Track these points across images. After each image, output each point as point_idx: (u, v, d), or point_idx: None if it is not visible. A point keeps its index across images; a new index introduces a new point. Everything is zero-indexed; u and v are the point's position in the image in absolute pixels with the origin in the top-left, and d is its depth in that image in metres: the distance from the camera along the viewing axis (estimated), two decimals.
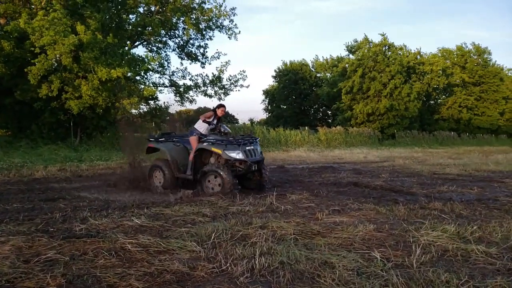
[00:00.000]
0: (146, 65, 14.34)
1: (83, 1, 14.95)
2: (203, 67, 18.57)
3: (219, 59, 18.44)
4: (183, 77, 18.37)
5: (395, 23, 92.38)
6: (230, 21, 18.18)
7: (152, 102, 17.46)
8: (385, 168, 11.98)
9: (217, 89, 18.00)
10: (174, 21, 16.33)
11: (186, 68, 19.37)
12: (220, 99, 18.12)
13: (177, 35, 17.98)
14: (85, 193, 6.70)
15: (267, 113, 43.80)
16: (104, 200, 5.97)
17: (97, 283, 2.79)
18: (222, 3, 17.12)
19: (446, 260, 3.27)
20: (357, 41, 35.06)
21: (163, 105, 17.78)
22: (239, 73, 18.42)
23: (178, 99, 17.98)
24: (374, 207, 5.44)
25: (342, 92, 33.43)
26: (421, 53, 37.71)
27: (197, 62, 18.48)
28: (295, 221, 4.58)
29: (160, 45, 17.95)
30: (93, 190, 7.11)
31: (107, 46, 13.20)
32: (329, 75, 41.21)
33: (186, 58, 18.51)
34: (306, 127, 27.73)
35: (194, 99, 18.15)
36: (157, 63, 16.09)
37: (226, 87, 18.15)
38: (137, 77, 15.74)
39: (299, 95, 41.14)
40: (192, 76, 18.37)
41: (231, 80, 18.12)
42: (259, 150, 7.12)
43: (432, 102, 41.38)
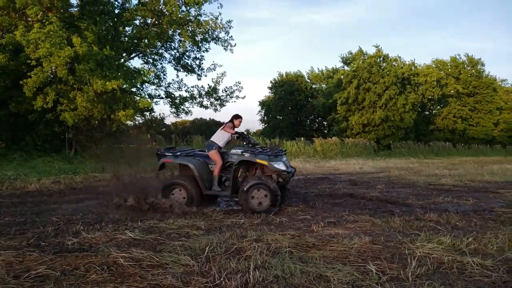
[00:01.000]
0: (142, 77, 14.38)
1: (80, 13, 15.03)
2: (199, 79, 18.71)
3: (215, 70, 18.58)
4: (179, 88, 18.45)
5: (390, 34, 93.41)
6: (226, 33, 18.35)
7: (147, 113, 17.53)
8: (381, 179, 11.98)
9: (213, 100, 18.07)
10: (170, 33, 16.43)
11: (182, 79, 19.51)
12: (216, 110, 18.19)
13: (173, 47, 18.13)
14: (78, 206, 6.62)
15: (263, 124, 43.89)
16: (97, 213, 5.91)
17: None
18: (218, 16, 17.31)
19: (441, 272, 3.24)
20: (351, 53, 35.38)
21: (158, 117, 17.85)
22: (235, 85, 18.50)
23: (173, 110, 18.02)
24: (369, 219, 5.43)
25: (337, 103, 33.58)
26: (416, 64, 38.03)
27: (193, 74, 18.58)
28: (290, 233, 4.55)
29: (156, 57, 18.01)
30: (87, 202, 7.03)
31: (103, 58, 13.23)
32: (324, 86, 41.46)
33: (182, 70, 18.59)
34: (302, 138, 27.75)
35: (189, 111, 18.19)
36: (153, 75, 16.17)
37: (222, 98, 18.21)
38: (133, 89, 15.80)
39: (295, 106, 41.30)
40: (188, 87, 18.47)
41: (227, 91, 18.21)
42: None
43: (427, 112, 41.62)
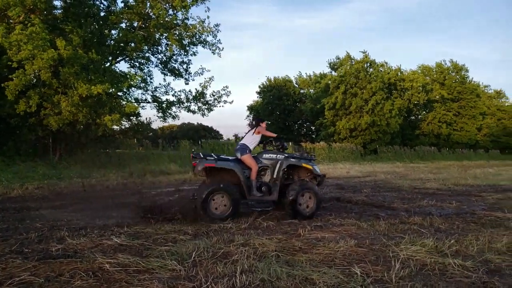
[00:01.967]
0: (128, 81, 14.26)
1: (64, 16, 14.85)
2: (187, 83, 18.64)
3: (202, 75, 18.51)
4: (166, 93, 18.34)
5: (377, 40, 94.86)
6: (214, 37, 18.34)
7: (134, 118, 17.36)
8: (367, 183, 12.11)
9: (200, 105, 17.98)
10: (157, 37, 16.34)
11: (169, 83, 19.27)
12: (203, 115, 18.13)
13: (160, 51, 18.04)
14: (63, 212, 6.54)
15: None
16: (83, 219, 5.84)
17: None
18: (205, 19, 17.29)
19: (424, 274, 3.30)
20: (339, 58, 35.79)
21: (145, 121, 17.71)
22: (223, 89, 18.45)
23: (160, 115, 17.87)
24: (355, 222, 5.49)
25: (325, 108, 33.88)
26: (402, 70, 38.69)
27: (180, 78, 18.52)
28: (277, 237, 4.58)
29: (143, 61, 17.91)
30: (72, 208, 6.96)
31: (88, 62, 13.10)
32: (312, 91, 41.80)
33: (169, 74, 18.47)
34: (290, 143, 27.87)
35: (177, 115, 18.06)
36: (139, 79, 16.01)
37: (209, 103, 18.14)
38: (119, 93, 15.63)
39: (283, 110, 41.52)
40: (175, 92, 18.34)
41: (214, 96, 18.16)
42: None
43: (413, 117, 42.27)
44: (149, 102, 17.99)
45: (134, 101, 17.09)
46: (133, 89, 16.87)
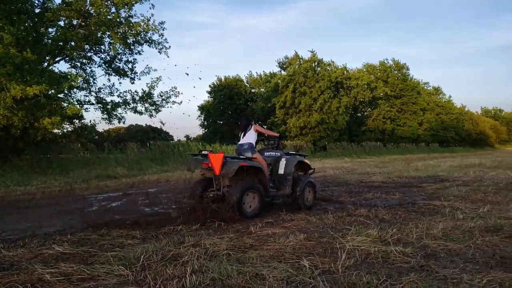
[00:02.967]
0: (69, 82, 13.50)
1: None
2: (133, 82, 17.93)
3: (149, 74, 17.93)
4: (111, 93, 17.49)
5: (324, 40, 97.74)
6: (160, 36, 17.87)
7: (77, 121, 16.49)
8: (317, 178, 12.43)
9: (147, 105, 17.47)
10: (99, 36, 15.64)
11: (113, 84, 18.49)
12: (151, 116, 17.59)
13: (103, 50, 17.21)
14: None
15: (203, 129, 43.57)
16: (20, 228, 5.47)
17: None
18: (150, 17, 16.75)
19: (368, 262, 3.45)
20: (288, 58, 36.44)
21: (89, 124, 16.87)
22: (171, 90, 18.07)
23: (105, 117, 17.10)
24: (305, 217, 5.61)
25: (276, 107, 34.36)
26: (348, 69, 40.17)
27: (125, 78, 17.81)
28: (229, 236, 4.57)
29: (84, 61, 16.99)
30: (9, 218, 6.49)
31: (23, 61, 12.23)
32: (263, 90, 42.21)
33: (113, 74, 17.71)
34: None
35: (123, 117, 17.38)
36: (81, 79, 15.22)
37: (157, 103, 17.68)
38: (60, 95, 14.76)
39: (235, 110, 41.52)
40: (120, 92, 17.60)
41: (162, 96, 17.73)
42: None
43: (359, 114, 44.05)
44: (93, 103, 17.15)
45: (76, 103, 16.19)
46: (75, 90, 15.94)
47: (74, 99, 16.47)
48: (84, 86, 16.60)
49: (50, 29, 15.19)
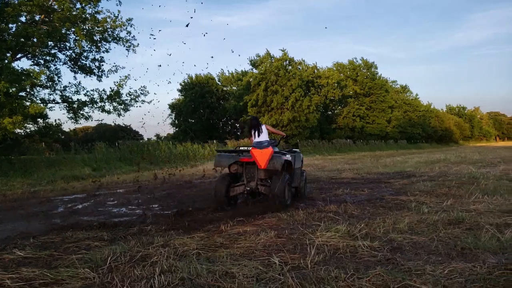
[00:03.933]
0: (31, 79, 12.93)
1: None
2: (100, 80, 17.47)
3: (116, 72, 17.51)
4: (77, 92, 16.88)
5: (295, 39, 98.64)
6: (127, 33, 17.49)
7: (40, 120, 15.87)
8: None
9: (116, 104, 17.02)
10: (63, 32, 15.07)
11: (80, 82, 17.92)
12: (119, 115, 17.17)
13: (68, 47, 16.62)
14: None
15: (175, 128, 42.99)
16: None
17: None
18: (118, 14, 16.34)
19: (337, 257, 3.51)
20: (259, 56, 36.51)
21: (54, 123, 16.25)
22: (140, 89, 17.67)
23: (71, 116, 16.53)
24: (276, 214, 5.63)
25: (248, 105, 34.38)
26: (318, 68, 40.71)
27: (92, 76, 17.33)
28: (199, 235, 4.53)
29: (48, 58, 16.31)
30: None
31: None
32: (235, 88, 42.12)
33: (80, 71, 17.19)
34: (214, 141, 27.82)
35: (90, 116, 16.87)
36: (45, 77, 14.64)
37: (126, 102, 17.25)
38: (21, 93, 14.11)
39: (206, 108, 41.22)
40: (87, 91, 17.16)
41: (131, 95, 17.34)
42: None
43: (329, 112, 44.77)
44: (58, 102, 16.54)
45: (40, 102, 15.57)
46: (38, 88, 15.35)
47: (37, 98, 15.86)
48: (48, 84, 15.99)
49: (10, 25, 14.51)
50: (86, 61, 17.30)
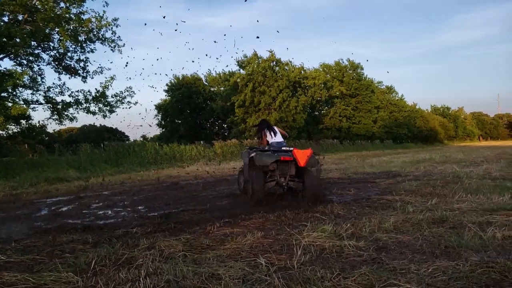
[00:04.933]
0: (14, 80, 12.66)
1: None
2: (85, 81, 17.23)
3: (102, 73, 17.31)
4: (61, 93, 16.65)
5: (281, 40, 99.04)
6: (112, 33, 17.28)
7: (23, 121, 15.58)
8: None
9: (101, 106, 16.80)
10: (47, 32, 14.81)
11: (64, 83, 17.71)
12: (105, 116, 16.99)
13: (52, 47, 16.34)
14: None
15: (161, 129, 42.64)
16: None
17: None
18: (103, 14, 16.13)
19: (323, 257, 3.52)
20: (246, 57, 36.49)
21: (37, 125, 15.97)
22: (126, 90, 17.50)
23: (56, 117, 16.27)
24: (263, 215, 5.63)
25: (235, 105, 34.33)
26: (305, 68, 40.87)
27: (77, 76, 17.08)
28: (185, 237, 4.49)
29: (31, 58, 16.00)
30: None
31: None
32: (222, 89, 41.99)
33: (64, 72, 16.94)
34: (201, 141, 27.69)
35: (75, 117, 16.62)
36: (28, 77, 14.39)
37: (111, 103, 17.05)
38: (3, 94, 13.82)
39: (193, 109, 40.99)
40: (72, 92, 16.86)
41: (117, 96, 17.12)
42: None
43: (316, 113, 44.96)
44: (41, 103, 16.27)
45: (22, 103, 15.29)
46: (20, 89, 15.08)
47: (20, 99, 15.56)
48: (31, 84, 15.71)
49: None
50: (70, 61, 17.07)
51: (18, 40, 13.89)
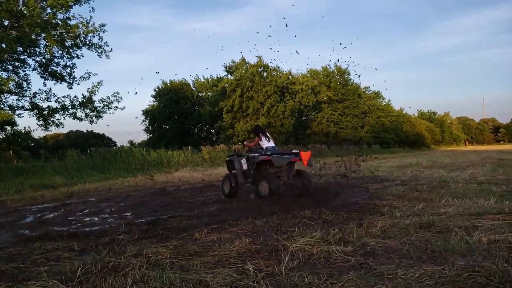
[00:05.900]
0: (0, 86, 12.46)
1: None
2: (70, 87, 17.03)
3: (89, 79, 17.18)
4: (48, 99, 16.47)
5: (269, 45, 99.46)
6: (99, 39, 17.18)
7: (8, 127, 15.33)
8: None
9: (88, 111, 16.62)
10: (33, 37, 14.64)
11: (50, 89, 17.45)
12: (92, 122, 16.81)
13: (38, 53, 16.14)
14: None
15: (148, 134, 42.36)
16: None
17: None
18: (89, 19, 16.05)
19: (311, 263, 3.52)
20: (234, 62, 36.60)
21: (23, 131, 15.71)
22: (113, 95, 17.35)
23: (41, 123, 16.03)
24: (251, 221, 5.61)
25: (223, 111, 34.33)
26: (292, 74, 41.13)
27: (63, 82, 16.88)
28: (173, 244, 4.46)
29: (17, 64, 15.77)
30: None
31: None
32: (210, 94, 41.98)
33: (50, 78, 16.71)
34: (189, 147, 27.58)
35: (61, 123, 16.40)
36: (13, 83, 14.18)
37: (98, 109, 16.89)
38: None
39: (181, 114, 40.85)
40: (58, 97, 16.64)
41: (104, 101, 16.96)
42: None
43: (304, 118, 45.24)
44: (27, 109, 16.04)
45: (7, 109, 15.05)
46: (6, 95, 14.83)
47: (5, 104, 15.33)
48: (16, 90, 15.50)
49: None
50: (57, 67, 16.89)
51: (3, 45, 13.69)
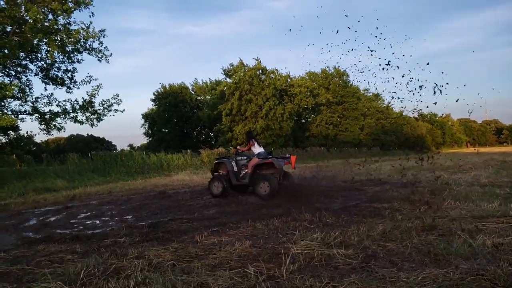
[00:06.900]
0: (3, 92, 12.48)
1: None
2: (71, 92, 17.08)
3: (90, 83, 17.26)
4: (49, 103, 16.56)
5: (267, 48, 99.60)
6: (100, 43, 17.22)
7: (11, 132, 15.39)
8: None
9: (88, 114, 16.67)
10: (35, 43, 14.68)
11: (52, 93, 17.53)
12: (92, 125, 16.85)
13: (40, 58, 16.24)
14: None
15: (148, 138, 42.38)
16: None
17: None
18: (89, 25, 16.11)
19: (312, 266, 3.54)
20: (233, 65, 36.64)
21: (26, 135, 15.78)
22: (113, 97, 17.37)
23: (43, 127, 16.08)
24: (251, 224, 5.62)
25: (222, 114, 34.36)
26: (291, 76, 41.16)
27: (63, 86, 16.97)
28: (174, 246, 4.47)
29: (19, 69, 15.92)
30: None
31: None
32: (209, 97, 42.01)
33: (51, 82, 16.80)
34: (188, 150, 27.58)
35: (62, 127, 16.45)
36: (16, 89, 14.21)
37: (99, 112, 16.93)
38: None
39: (180, 118, 40.87)
40: (59, 102, 16.72)
41: (104, 104, 17.03)
42: None
43: (303, 121, 45.17)
44: (29, 114, 16.11)
45: (10, 113, 15.13)
46: (9, 100, 14.89)
47: (8, 109, 15.41)
48: (19, 95, 15.58)
49: None
50: (58, 72, 16.97)
51: (6, 51, 13.73)
